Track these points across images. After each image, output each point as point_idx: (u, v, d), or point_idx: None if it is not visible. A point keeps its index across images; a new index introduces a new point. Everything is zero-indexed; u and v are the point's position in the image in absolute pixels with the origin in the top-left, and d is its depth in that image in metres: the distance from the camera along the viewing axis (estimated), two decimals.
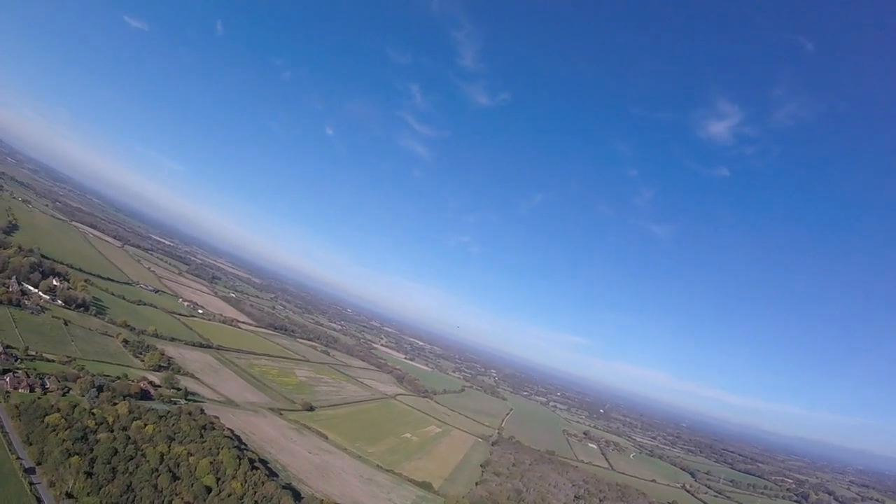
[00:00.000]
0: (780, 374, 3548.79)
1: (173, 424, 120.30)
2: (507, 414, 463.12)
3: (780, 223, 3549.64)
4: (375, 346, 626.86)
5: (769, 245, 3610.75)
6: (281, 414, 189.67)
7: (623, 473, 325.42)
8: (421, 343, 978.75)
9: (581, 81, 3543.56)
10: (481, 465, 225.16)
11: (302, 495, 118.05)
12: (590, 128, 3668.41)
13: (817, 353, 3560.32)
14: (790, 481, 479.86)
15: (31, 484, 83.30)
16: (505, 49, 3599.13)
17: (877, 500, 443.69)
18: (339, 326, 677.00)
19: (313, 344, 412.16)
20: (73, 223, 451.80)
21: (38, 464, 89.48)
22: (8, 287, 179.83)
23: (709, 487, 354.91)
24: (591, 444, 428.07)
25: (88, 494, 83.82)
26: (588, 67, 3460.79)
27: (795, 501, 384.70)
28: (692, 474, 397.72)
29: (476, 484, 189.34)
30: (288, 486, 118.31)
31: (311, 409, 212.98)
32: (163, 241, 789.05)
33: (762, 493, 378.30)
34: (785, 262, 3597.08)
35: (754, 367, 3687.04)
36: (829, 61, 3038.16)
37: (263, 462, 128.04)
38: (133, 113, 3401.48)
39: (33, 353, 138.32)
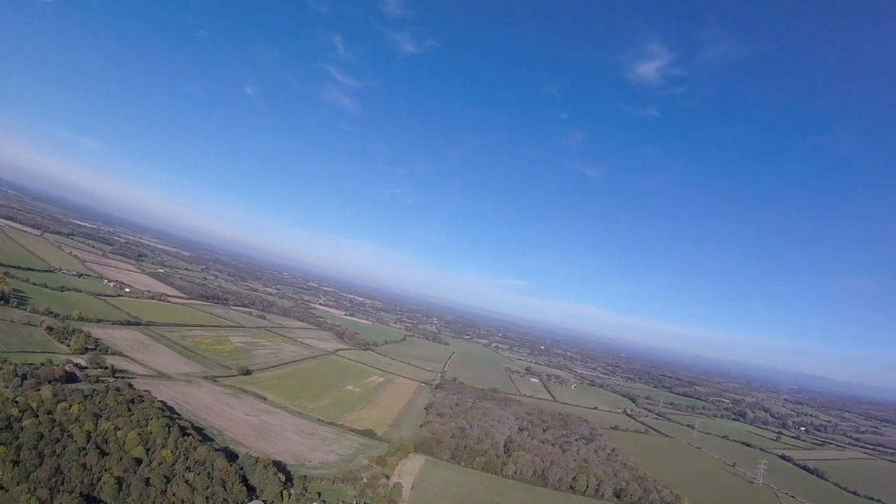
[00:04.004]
0: (711, 302, 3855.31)
1: (99, 402, 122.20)
2: (450, 358, 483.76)
3: (707, 161, 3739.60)
4: (314, 305, 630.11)
5: (695, 182, 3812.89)
6: (216, 381, 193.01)
7: (565, 403, 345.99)
8: (360, 299, 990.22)
9: (509, 24, 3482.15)
10: (425, 409, 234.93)
11: (238, 456, 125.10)
12: (519, 71, 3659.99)
13: (744, 280, 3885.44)
14: (727, 401, 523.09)
15: None
16: None
17: (811, 416, 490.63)
18: (276, 290, 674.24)
19: (248, 310, 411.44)
20: None
21: None
22: None
23: (649, 411, 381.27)
24: (532, 379, 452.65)
25: (18, 483, 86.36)
26: (515, 9, 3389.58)
27: (733, 419, 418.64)
28: (633, 400, 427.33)
29: (420, 426, 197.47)
30: (223, 449, 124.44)
31: (248, 372, 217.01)
32: (84, 224, 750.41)
33: (701, 413, 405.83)
34: (709, 197, 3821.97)
35: (685, 297, 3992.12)
36: (758, 1, 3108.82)
37: (198, 429, 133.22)
38: (40, 92, 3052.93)
39: None
